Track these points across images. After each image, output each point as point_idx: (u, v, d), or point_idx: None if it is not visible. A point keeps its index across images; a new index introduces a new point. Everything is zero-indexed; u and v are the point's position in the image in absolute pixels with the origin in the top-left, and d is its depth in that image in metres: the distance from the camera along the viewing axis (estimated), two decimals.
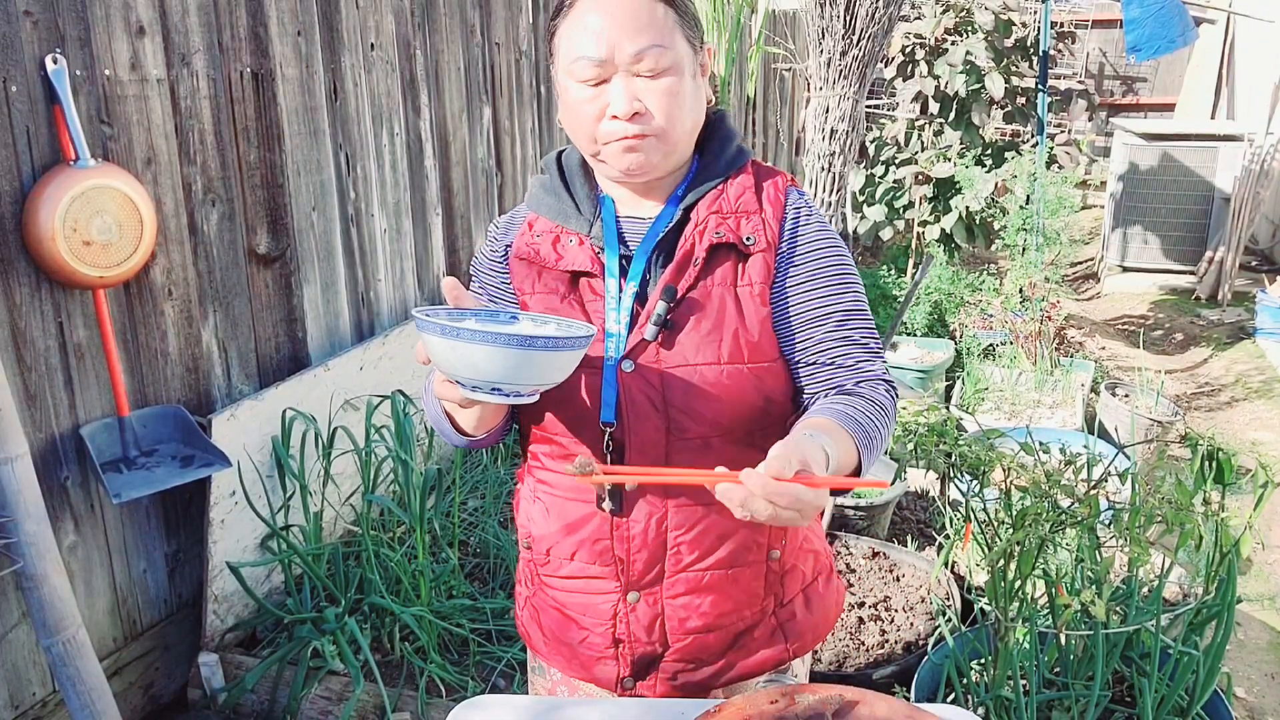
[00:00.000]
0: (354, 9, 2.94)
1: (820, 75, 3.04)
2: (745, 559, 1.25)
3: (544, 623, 1.34)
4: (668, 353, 1.18)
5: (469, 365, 1.00)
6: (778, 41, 7.00)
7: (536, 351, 1.00)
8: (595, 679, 1.31)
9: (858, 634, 2.59)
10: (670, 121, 1.15)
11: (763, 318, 1.19)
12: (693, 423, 1.18)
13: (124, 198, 2.15)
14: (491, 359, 0.99)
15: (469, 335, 0.98)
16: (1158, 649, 1.97)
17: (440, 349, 1.01)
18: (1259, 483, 2.07)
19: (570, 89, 1.16)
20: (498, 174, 3.81)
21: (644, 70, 1.12)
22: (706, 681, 1.29)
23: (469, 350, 0.99)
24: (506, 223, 1.32)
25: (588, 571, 1.27)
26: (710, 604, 1.25)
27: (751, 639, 1.29)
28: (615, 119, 1.13)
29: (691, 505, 1.22)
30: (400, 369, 3.12)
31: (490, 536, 2.96)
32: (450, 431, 1.23)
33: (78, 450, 2.20)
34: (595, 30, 1.12)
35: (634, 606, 1.26)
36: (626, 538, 1.23)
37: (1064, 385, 4.27)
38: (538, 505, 1.30)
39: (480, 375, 1.01)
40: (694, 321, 1.18)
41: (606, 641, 1.28)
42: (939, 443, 2.22)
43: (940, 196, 5.76)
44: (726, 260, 1.20)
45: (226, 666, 2.41)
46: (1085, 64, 10.75)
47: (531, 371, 1.01)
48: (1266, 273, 6.71)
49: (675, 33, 1.15)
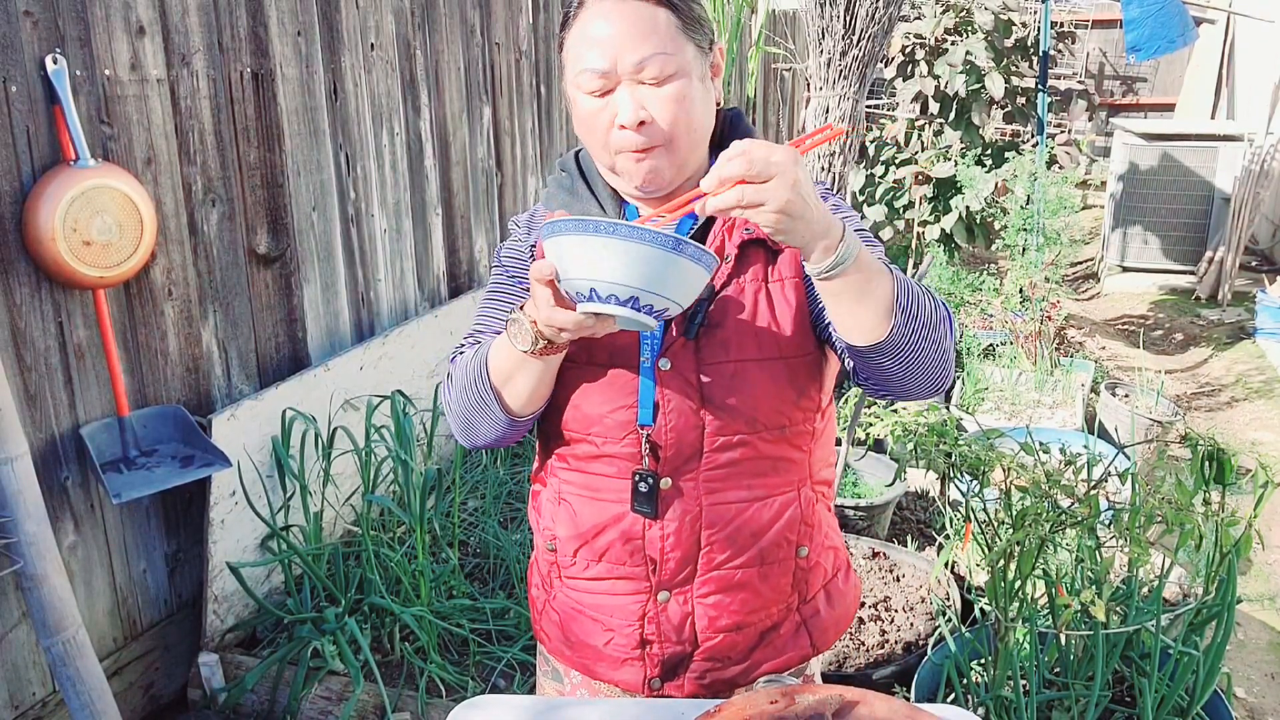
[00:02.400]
0: (354, 9, 2.94)
1: (820, 75, 3.04)
2: (775, 556, 1.26)
3: (566, 626, 1.33)
4: (705, 351, 1.19)
5: (618, 266, 0.95)
6: (778, 41, 7.00)
7: (685, 258, 0.96)
8: (620, 682, 1.30)
9: (858, 634, 2.59)
10: (677, 128, 1.14)
11: (795, 310, 1.20)
12: (730, 418, 1.19)
13: (124, 198, 2.15)
14: (644, 258, 0.95)
15: (626, 231, 0.94)
16: (1158, 649, 1.97)
17: (585, 250, 0.96)
18: (1259, 483, 2.06)
19: (579, 100, 1.16)
20: (498, 174, 3.81)
21: (648, 78, 1.12)
22: (734, 680, 1.29)
23: (623, 248, 0.94)
24: (527, 221, 1.32)
25: (616, 572, 1.26)
26: (740, 602, 1.25)
27: (777, 636, 1.30)
28: (624, 128, 1.13)
29: (727, 504, 1.22)
30: (400, 369, 3.12)
31: (490, 536, 2.96)
32: (492, 414, 1.19)
33: (78, 450, 2.20)
34: (598, 41, 1.12)
35: (664, 606, 1.26)
36: (660, 538, 1.23)
37: (1064, 385, 4.27)
38: (563, 507, 1.29)
39: (625, 279, 0.96)
40: (729, 319, 1.19)
41: (633, 643, 1.27)
42: (939, 443, 2.22)
43: (940, 196, 5.76)
44: (757, 257, 1.21)
45: (226, 666, 2.41)
46: (1085, 64, 10.75)
47: (675, 279, 0.97)
48: (1266, 273, 6.71)
49: (679, 38, 1.15)
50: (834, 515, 1.37)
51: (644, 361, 1.19)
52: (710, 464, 1.20)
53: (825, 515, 1.33)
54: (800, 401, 1.22)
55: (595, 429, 1.22)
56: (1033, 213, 4.65)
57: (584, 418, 1.22)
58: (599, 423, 1.21)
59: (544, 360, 1.12)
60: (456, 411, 1.23)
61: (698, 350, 1.19)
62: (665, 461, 1.20)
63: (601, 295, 0.98)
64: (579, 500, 1.27)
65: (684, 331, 1.18)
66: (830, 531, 1.35)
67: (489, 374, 1.16)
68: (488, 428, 1.21)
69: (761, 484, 1.23)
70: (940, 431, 2.25)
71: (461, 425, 1.23)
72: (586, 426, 1.22)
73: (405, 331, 3.17)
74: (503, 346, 1.14)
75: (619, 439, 1.21)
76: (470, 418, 1.21)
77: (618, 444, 1.21)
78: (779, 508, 1.24)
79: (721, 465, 1.21)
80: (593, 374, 1.21)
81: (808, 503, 1.27)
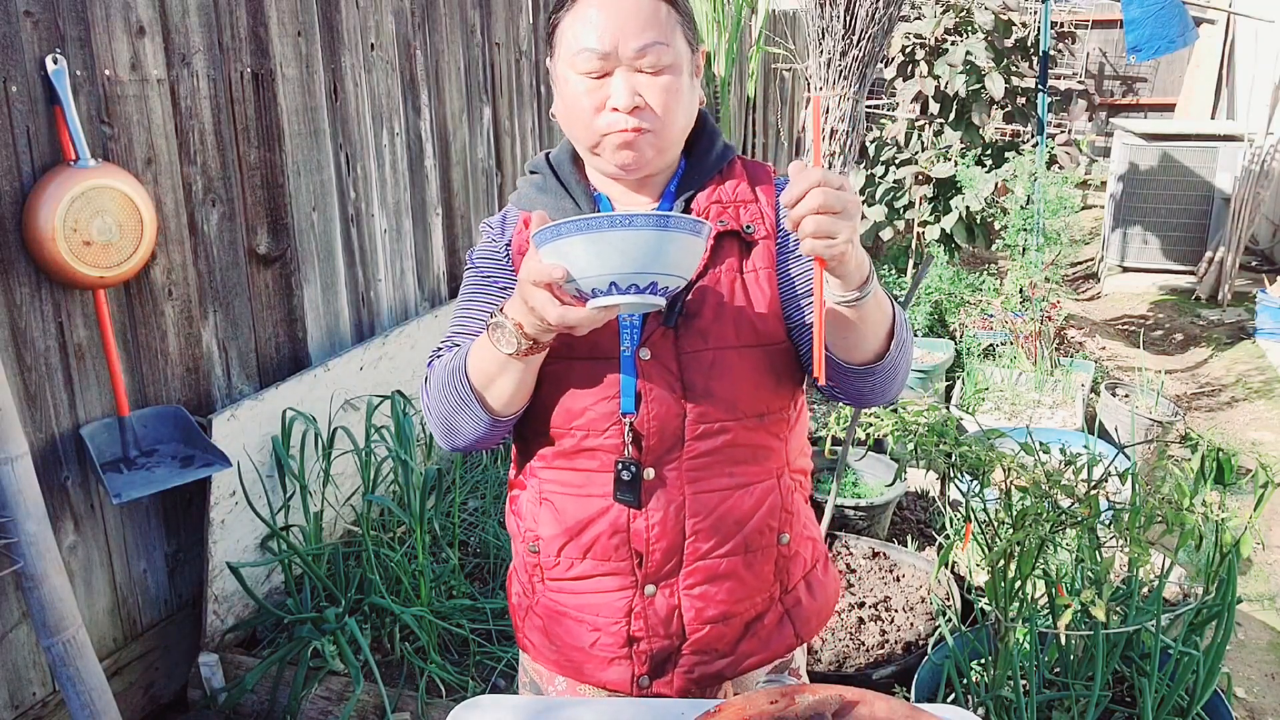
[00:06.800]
0: (354, 9, 2.94)
1: (820, 75, 3.04)
2: (759, 543, 1.27)
3: (550, 630, 1.33)
4: (684, 339, 1.21)
5: (613, 257, 0.97)
6: (778, 41, 7.00)
7: (678, 233, 0.98)
8: (607, 682, 1.30)
9: (858, 634, 2.59)
10: (668, 117, 1.17)
11: (770, 300, 1.22)
12: (711, 406, 1.21)
13: (124, 198, 2.15)
14: (636, 242, 0.97)
15: (642, 221, 0.96)
16: (1158, 649, 1.97)
17: (600, 247, 0.98)
18: (1259, 483, 2.07)
19: (570, 80, 1.17)
20: (498, 174, 3.81)
21: (646, 66, 1.15)
22: (721, 672, 1.30)
23: (614, 239, 0.97)
24: (500, 222, 1.32)
25: (601, 569, 1.26)
26: (726, 591, 1.27)
27: (762, 626, 1.31)
28: (615, 111, 1.15)
29: (709, 492, 1.23)
30: (400, 369, 3.12)
31: (490, 536, 2.96)
32: (474, 415, 1.19)
33: (78, 450, 2.20)
34: (600, 24, 1.14)
35: (651, 600, 1.26)
36: (646, 528, 1.24)
37: (1064, 385, 4.27)
38: (545, 507, 1.29)
39: (642, 267, 0.98)
40: (706, 306, 1.21)
41: (620, 641, 1.28)
42: (939, 443, 2.22)
43: (940, 196, 5.76)
44: (731, 248, 1.23)
45: (226, 666, 2.41)
46: (1085, 64, 10.75)
47: (681, 254, 1.00)
48: (1266, 273, 6.71)
49: (676, 31, 1.17)
50: (810, 507, 1.39)
51: (624, 351, 1.20)
52: (692, 452, 1.22)
53: (803, 505, 1.35)
54: (777, 389, 1.25)
55: (578, 422, 1.22)
56: (1033, 213, 4.64)
57: (566, 411, 1.23)
58: (581, 415, 1.22)
59: (526, 361, 1.13)
60: (436, 414, 1.23)
61: (677, 339, 1.20)
62: (648, 450, 1.21)
63: (621, 287, 1.00)
64: (562, 498, 1.27)
65: (663, 320, 1.20)
66: (808, 522, 1.37)
67: (469, 377, 1.16)
68: (470, 429, 1.20)
69: (742, 471, 1.25)
70: (940, 431, 2.25)
71: (442, 428, 1.23)
72: (569, 420, 1.23)
73: (405, 332, 3.17)
74: (483, 349, 1.14)
75: (602, 431, 1.21)
76: (451, 420, 1.21)
77: (600, 436, 1.22)
78: (760, 494, 1.26)
79: (703, 453, 1.22)
80: (573, 368, 1.21)
81: (787, 490, 1.29)
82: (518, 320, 1.08)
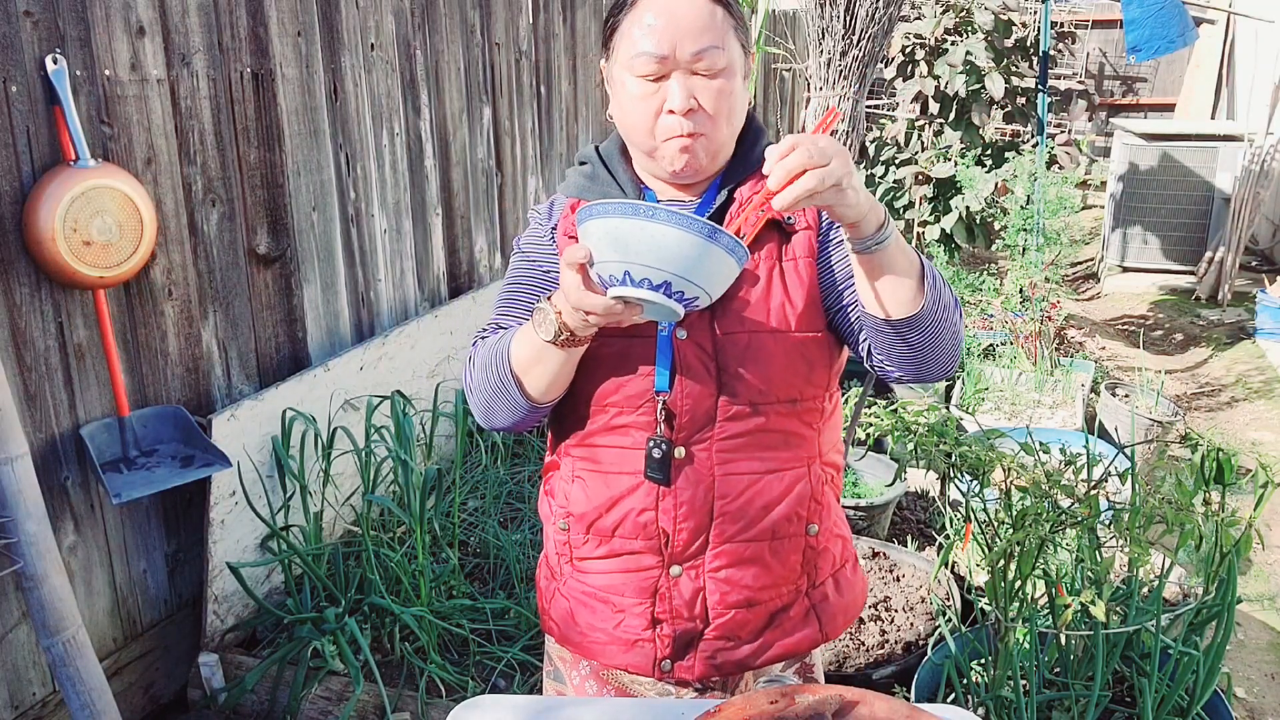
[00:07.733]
0: (354, 9, 2.94)
1: (820, 75, 3.04)
2: (786, 531, 1.28)
3: (575, 612, 1.34)
4: (720, 321, 1.23)
5: (654, 250, 0.97)
6: (778, 41, 7.00)
7: (719, 247, 0.98)
8: (630, 665, 1.31)
9: (858, 634, 2.59)
10: (721, 120, 1.20)
11: (807, 289, 1.24)
12: (743, 387, 1.23)
13: (124, 198, 2.15)
14: (680, 243, 0.97)
15: (665, 216, 0.96)
16: (1158, 649, 1.97)
17: (621, 232, 0.98)
18: (1259, 483, 2.06)
19: (628, 83, 1.20)
20: (498, 174, 3.81)
21: (702, 69, 1.17)
22: (744, 661, 1.30)
23: (659, 232, 0.97)
24: (547, 209, 1.35)
25: (628, 547, 1.28)
26: (752, 577, 1.28)
27: (787, 618, 1.31)
28: (672, 113, 1.17)
29: (739, 475, 1.25)
30: (400, 369, 3.12)
31: (490, 536, 2.96)
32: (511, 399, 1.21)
33: (78, 450, 2.20)
34: (658, 28, 1.16)
35: (675, 581, 1.27)
36: (673, 506, 1.25)
37: (1064, 385, 4.27)
38: (577, 484, 1.31)
39: (659, 262, 0.98)
40: (744, 291, 1.23)
41: (644, 622, 1.29)
42: (939, 443, 2.22)
43: (940, 196, 5.76)
44: (771, 238, 1.26)
45: (226, 666, 2.41)
46: (1085, 64, 10.75)
47: (708, 267, 0.99)
48: (1266, 273, 6.70)
49: (730, 36, 1.20)
50: (841, 506, 1.40)
51: (661, 330, 1.23)
52: (723, 433, 1.24)
53: (834, 501, 1.36)
54: (811, 377, 1.26)
55: (612, 398, 1.25)
56: (1033, 213, 4.64)
57: (602, 389, 1.25)
58: (617, 392, 1.24)
59: (566, 351, 1.15)
60: (477, 394, 1.26)
61: (713, 320, 1.22)
62: (680, 429, 1.23)
63: (635, 279, 1.00)
64: (594, 476, 1.29)
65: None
66: (839, 520, 1.38)
67: (510, 361, 1.20)
68: (506, 412, 1.24)
69: (773, 457, 1.26)
70: (940, 431, 2.25)
71: (482, 408, 1.26)
72: (604, 397, 1.25)
73: (405, 332, 3.17)
74: (526, 334, 1.17)
75: (635, 408, 1.24)
76: (490, 401, 1.24)
77: (634, 413, 1.24)
78: (790, 481, 1.27)
79: (734, 435, 1.24)
80: (610, 345, 1.24)
81: (817, 481, 1.30)
82: (558, 307, 1.11)
